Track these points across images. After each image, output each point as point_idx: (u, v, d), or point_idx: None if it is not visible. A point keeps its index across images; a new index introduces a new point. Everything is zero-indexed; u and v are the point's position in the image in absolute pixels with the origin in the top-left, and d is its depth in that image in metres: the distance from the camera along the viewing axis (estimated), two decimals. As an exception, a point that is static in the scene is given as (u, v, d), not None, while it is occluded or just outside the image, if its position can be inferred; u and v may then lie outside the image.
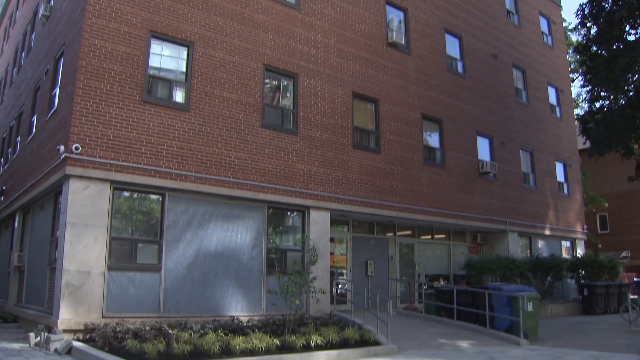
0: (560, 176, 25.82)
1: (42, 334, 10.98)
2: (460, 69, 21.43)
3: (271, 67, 15.19)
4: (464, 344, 13.15)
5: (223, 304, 13.42)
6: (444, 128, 19.88)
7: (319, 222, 15.36)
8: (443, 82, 20.30)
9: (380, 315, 12.75)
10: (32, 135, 15.96)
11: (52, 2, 16.52)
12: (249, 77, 14.63)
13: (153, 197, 12.99)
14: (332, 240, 16.41)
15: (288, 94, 15.72)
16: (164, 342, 9.90)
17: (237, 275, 13.79)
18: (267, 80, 15.29)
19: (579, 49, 24.27)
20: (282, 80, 15.65)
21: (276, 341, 10.74)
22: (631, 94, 21.00)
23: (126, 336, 10.30)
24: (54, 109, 13.68)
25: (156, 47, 13.34)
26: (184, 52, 13.70)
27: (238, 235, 13.99)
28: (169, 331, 10.69)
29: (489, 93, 22.38)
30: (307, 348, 10.85)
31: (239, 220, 14.10)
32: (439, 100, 19.95)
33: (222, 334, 10.63)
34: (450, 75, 20.79)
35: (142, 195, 12.91)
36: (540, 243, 24.32)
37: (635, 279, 26.28)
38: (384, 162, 17.41)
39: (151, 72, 13.12)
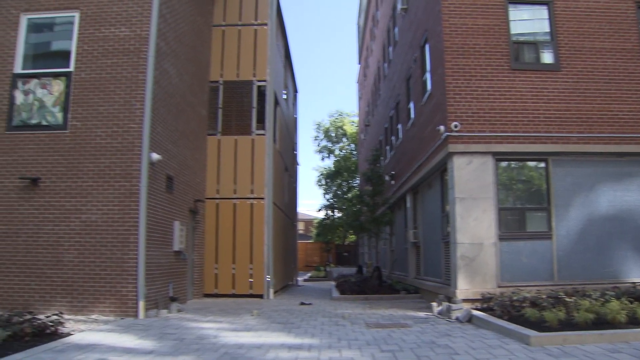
0: None
1: (443, 303, 11.84)
2: None
3: (646, 0, 13.31)
4: None
5: (621, 269, 12.26)
6: None
7: None
8: None
9: None
10: (411, 120, 17.28)
11: (407, -6, 17.63)
12: (620, 19, 13.02)
13: (535, 163, 12.70)
14: None
15: (674, 27, 13.55)
16: (563, 310, 9.60)
17: (634, 237, 12.44)
18: (643, 17, 13.46)
19: None
20: (663, 13, 13.59)
21: (701, 311, 9.36)
22: None
23: (523, 305, 10.24)
24: (428, 92, 14.52)
25: (514, 12, 13.02)
26: (543, 11, 13.04)
27: (631, 194, 12.60)
28: (566, 299, 10.34)
29: None
30: None
31: (630, 177, 12.66)
32: None
33: (625, 301, 9.78)
34: None
35: (524, 163, 12.75)
36: None
37: None
38: None
39: (514, 38, 12.87)
